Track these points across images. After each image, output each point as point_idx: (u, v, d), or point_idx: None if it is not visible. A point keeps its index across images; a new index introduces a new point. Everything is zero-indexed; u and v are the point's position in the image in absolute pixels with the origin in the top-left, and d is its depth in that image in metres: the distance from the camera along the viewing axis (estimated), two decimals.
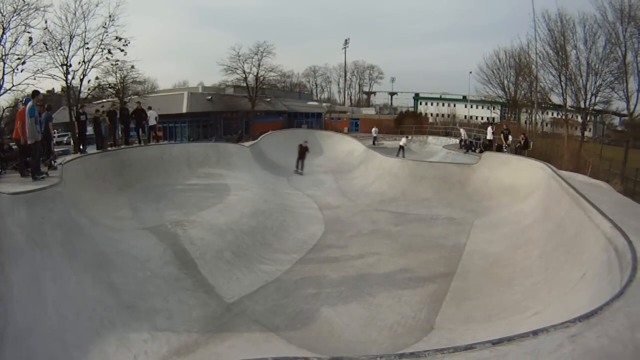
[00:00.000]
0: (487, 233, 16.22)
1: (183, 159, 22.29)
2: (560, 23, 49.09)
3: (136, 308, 10.17)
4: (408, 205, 21.44)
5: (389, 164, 27.09)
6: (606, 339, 4.40)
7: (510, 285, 10.98)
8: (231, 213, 16.73)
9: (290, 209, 20.22)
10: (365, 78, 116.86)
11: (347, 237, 17.08)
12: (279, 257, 14.72)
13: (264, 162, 27.81)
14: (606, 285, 6.61)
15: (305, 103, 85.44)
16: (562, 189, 13.89)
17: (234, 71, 62.28)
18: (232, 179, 21.96)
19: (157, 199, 18.07)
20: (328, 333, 10.10)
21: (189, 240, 14.05)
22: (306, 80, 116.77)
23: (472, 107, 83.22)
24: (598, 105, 49.86)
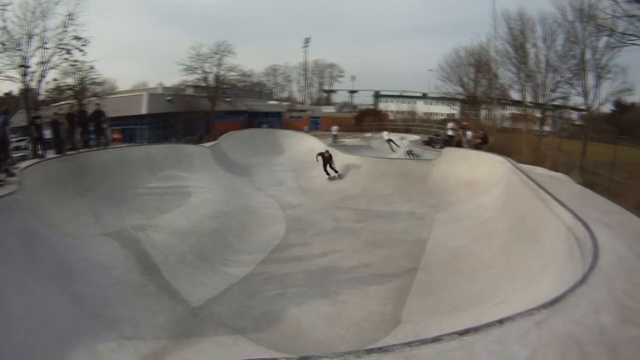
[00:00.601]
0: (448, 227, 16.39)
1: (143, 162, 21.93)
2: (520, 22, 50.54)
3: (102, 317, 9.93)
4: (369, 202, 21.52)
5: (350, 161, 27.17)
6: (572, 324, 4.44)
7: (474, 277, 11.12)
8: (193, 215, 16.55)
9: (252, 209, 20.08)
10: (325, 76, 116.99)
11: (309, 235, 17.06)
12: (242, 258, 14.60)
13: (224, 163, 27.53)
14: (568, 273, 6.70)
15: (266, 102, 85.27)
16: (522, 181, 14.07)
17: (194, 71, 62.06)
18: (193, 181, 21.66)
19: (118, 204, 17.69)
20: (295, 332, 10.07)
21: (152, 244, 13.82)
22: (266, 79, 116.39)
23: (432, 104, 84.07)
24: (556, 100, 51.59)
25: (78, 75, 42.93)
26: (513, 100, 57.85)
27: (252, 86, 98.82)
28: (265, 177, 26.95)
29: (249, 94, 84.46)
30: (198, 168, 23.71)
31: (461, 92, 65.93)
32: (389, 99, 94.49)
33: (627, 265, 6.09)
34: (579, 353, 4.04)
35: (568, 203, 9.61)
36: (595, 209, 9.69)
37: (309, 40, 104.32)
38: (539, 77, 49.94)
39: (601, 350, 4.11)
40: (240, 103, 71.41)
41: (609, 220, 8.62)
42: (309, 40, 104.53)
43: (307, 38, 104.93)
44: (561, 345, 4.13)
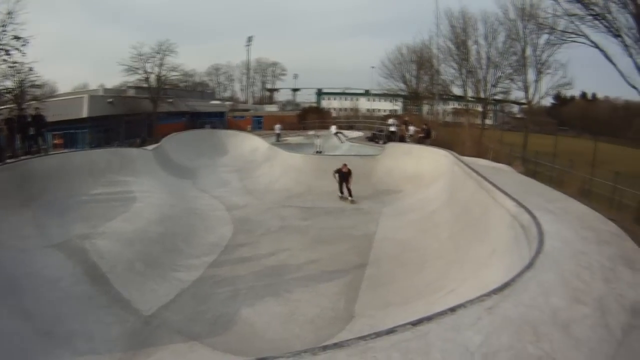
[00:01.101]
0: (395, 220, 16.58)
1: (86, 168, 21.33)
2: (463, 20, 51.77)
3: (54, 333, 9.59)
4: (315, 199, 21.58)
5: (293, 160, 27.14)
6: (523, 307, 4.55)
7: (423, 268, 11.30)
8: (138, 221, 16.19)
9: (198, 212, 19.82)
10: (268, 75, 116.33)
11: (257, 235, 16.93)
12: (191, 263, 14.36)
13: (168, 166, 27.10)
14: (516, 259, 6.86)
15: (208, 102, 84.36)
16: (466, 173, 14.33)
17: (135, 71, 60.43)
18: (137, 185, 21.17)
19: (63, 213, 17.12)
20: (250, 334, 10.00)
21: (99, 253, 13.39)
22: (209, 79, 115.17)
23: (375, 101, 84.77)
24: (498, 95, 53.16)
25: (17, 78, 41.56)
26: (455, 96, 59.12)
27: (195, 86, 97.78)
28: (209, 179, 26.65)
29: (191, 94, 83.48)
30: (142, 172, 23.28)
31: (403, 88, 66.97)
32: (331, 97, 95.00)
33: (572, 249, 6.27)
34: (532, 334, 4.12)
35: (512, 192, 9.84)
36: (539, 197, 9.99)
37: (252, 39, 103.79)
38: (480, 72, 51.77)
39: (554, 330, 4.22)
40: (182, 104, 70.50)
41: (552, 207, 8.87)
42: (252, 38, 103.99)
43: (250, 36, 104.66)
44: (515, 328, 4.21)
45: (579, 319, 4.42)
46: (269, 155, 29.85)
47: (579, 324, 4.34)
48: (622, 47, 29.11)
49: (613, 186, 22.75)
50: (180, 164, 28.37)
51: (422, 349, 3.95)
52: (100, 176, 20.70)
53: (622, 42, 29.14)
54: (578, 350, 4.04)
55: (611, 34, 29.89)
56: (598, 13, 30.44)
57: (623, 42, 29.02)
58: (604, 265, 5.86)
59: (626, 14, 28.53)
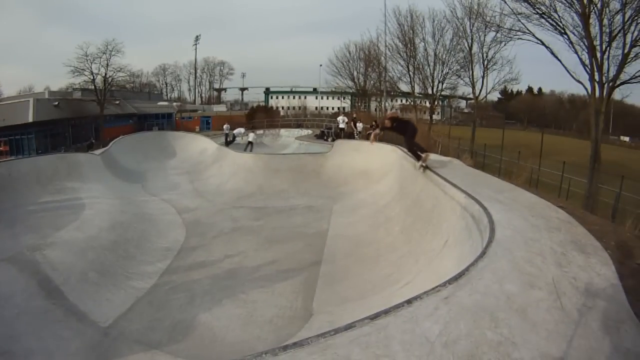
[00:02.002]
0: (347, 216, 16.67)
1: (33, 175, 20.81)
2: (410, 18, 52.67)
3: (12, 353, 9.24)
4: (266, 199, 21.49)
5: (243, 160, 26.99)
6: (478, 295, 4.65)
7: (378, 262, 11.41)
8: (89, 229, 15.85)
9: (149, 216, 19.48)
10: (215, 75, 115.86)
11: (209, 238, 16.80)
12: (145, 269, 14.09)
13: (116, 170, 26.63)
14: (468, 249, 7.01)
15: (156, 104, 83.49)
16: (415, 167, 14.39)
17: (82, 72, 58.94)
18: (86, 192, 20.69)
19: (10, 224, 16.65)
20: (210, 339, 9.92)
21: (51, 265, 13.01)
22: (156, 79, 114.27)
23: (323, 99, 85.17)
24: (445, 91, 54.00)
25: None
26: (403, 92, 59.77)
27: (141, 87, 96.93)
28: (159, 182, 26.34)
29: (138, 96, 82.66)
30: (90, 178, 22.85)
31: (351, 85, 67.98)
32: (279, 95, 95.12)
33: (523, 236, 6.44)
34: (490, 320, 4.23)
35: (461, 184, 10.02)
36: (488, 188, 10.15)
37: (199, 38, 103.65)
38: (428, 69, 52.62)
39: (511, 315, 4.34)
40: (129, 106, 69.59)
41: (501, 197, 9.06)
42: (199, 37, 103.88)
43: (197, 35, 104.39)
44: (472, 316, 4.30)
45: (535, 302, 4.55)
46: (218, 156, 29.65)
47: (535, 307, 4.47)
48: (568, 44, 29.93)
49: (561, 175, 23.38)
50: (129, 168, 27.99)
51: (382, 342, 4.00)
52: (48, 184, 20.23)
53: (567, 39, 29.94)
54: (536, 333, 4.15)
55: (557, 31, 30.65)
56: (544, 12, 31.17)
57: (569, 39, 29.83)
58: (556, 250, 6.04)
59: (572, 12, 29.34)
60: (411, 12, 52.82)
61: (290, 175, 23.37)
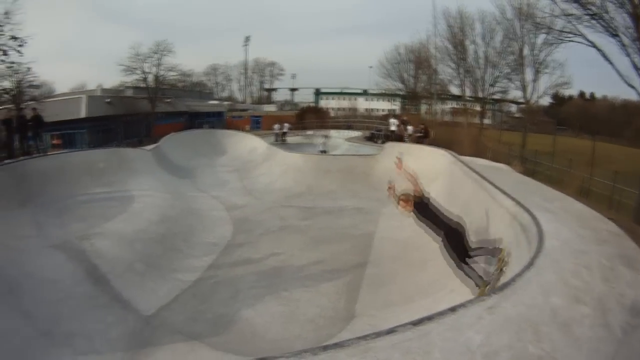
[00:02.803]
0: (394, 220, 16.32)
1: (84, 168, 21.29)
2: (460, 20, 51.57)
3: (54, 334, 9.62)
4: (314, 199, 21.53)
5: (293, 159, 27.08)
6: (523, 307, 4.58)
7: (424, 267, 11.31)
8: (138, 221, 16.20)
9: (197, 212, 19.83)
10: (266, 75, 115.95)
11: (256, 235, 16.93)
12: (190, 263, 14.38)
13: (167, 166, 27.03)
14: (516, 259, 6.81)
15: (207, 102, 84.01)
16: (465, 173, 14.34)
17: (133, 71, 60.38)
18: (136, 186, 21.12)
19: (61, 213, 17.10)
20: (251, 334, 10.01)
21: (98, 254, 13.40)
22: (207, 79, 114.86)
23: (373, 100, 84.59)
24: (496, 94, 52.82)
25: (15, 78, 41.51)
26: (453, 95, 58.91)
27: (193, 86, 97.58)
28: (208, 179, 26.65)
29: (189, 94, 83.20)
30: (140, 172, 23.24)
31: (401, 88, 66.77)
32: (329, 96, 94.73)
33: (572, 248, 6.32)
34: (533, 334, 4.16)
35: (511, 192, 9.84)
36: (538, 196, 10.03)
37: (249, 39, 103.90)
38: (478, 72, 51.43)
39: (555, 329, 4.25)
40: (180, 104, 70.27)
41: (551, 207, 8.92)
42: (249, 38, 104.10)
43: (247, 36, 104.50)
44: (515, 328, 4.25)
45: (579, 318, 4.46)
46: (268, 155, 29.79)
47: (579, 323, 4.38)
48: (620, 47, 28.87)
49: (612, 185, 22.79)
50: (179, 164, 28.30)
51: (423, 348, 3.97)
52: (98, 176, 20.61)
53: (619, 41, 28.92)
54: (578, 349, 4.07)
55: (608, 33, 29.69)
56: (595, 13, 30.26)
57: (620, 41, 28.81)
58: (604, 264, 5.88)
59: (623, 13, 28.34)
60: (461, 13, 52.04)
61: (339, 176, 23.40)
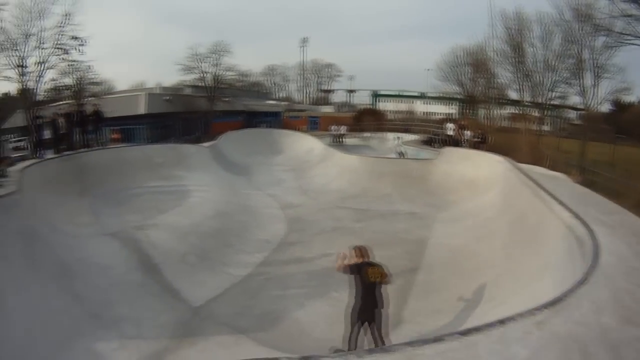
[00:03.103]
0: (449, 226, 16.37)
1: (142, 162, 21.85)
2: (517, 21, 49.94)
3: (103, 317, 10.00)
4: (369, 201, 21.41)
5: (349, 161, 27.02)
6: (572, 324, 4.50)
7: (475, 277, 11.12)
8: (193, 215, 16.55)
9: (252, 209, 20.08)
10: (323, 76, 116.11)
11: (309, 235, 17.05)
12: (242, 259, 14.61)
13: (224, 162, 27.42)
14: (569, 273, 6.73)
15: (264, 102, 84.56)
16: (522, 181, 14.12)
17: (192, 71, 61.43)
18: (192, 180, 21.62)
19: (118, 203, 17.68)
20: (297, 332, 10.12)
21: (152, 244, 13.87)
22: (264, 79, 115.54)
23: (430, 104, 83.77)
24: (555, 100, 50.88)
25: (76, 75, 42.82)
26: (511, 100, 57.46)
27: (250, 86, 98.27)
28: (264, 177, 26.91)
29: (247, 94, 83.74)
30: (197, 168, 23.65)
31: (459, 91, 64.98)
32: (387, 99, 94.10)
33: (627, 265, 6.15)
34: (580, 353, 4.08)
35: (567, 202, 9.66)
36: (595, 209, 9.75)
37: (307, 40, 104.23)
38: (537, 76, 49.58)
39: (602, 350, 4.16)
40: (238, 103, 70.88)
41: (608, 220, 8.68)
42: (307, 39, 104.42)
43: (305, 37, 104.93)
44: (562, 346, 4.18)
45: (629, 340, 4.33)
46: (324, 156, 29.91)
47: (629, 346, 4.26)
48: None
49: None
50: (235, 162, 28.65)
51: (468, 359, 3.98)
52: (156, 170, 21.11)
53: None
54: None
55: None
56: None
57: None
58: None
59: None
60: (518, 14, 50.44)
61: (395, 180, 23.19)
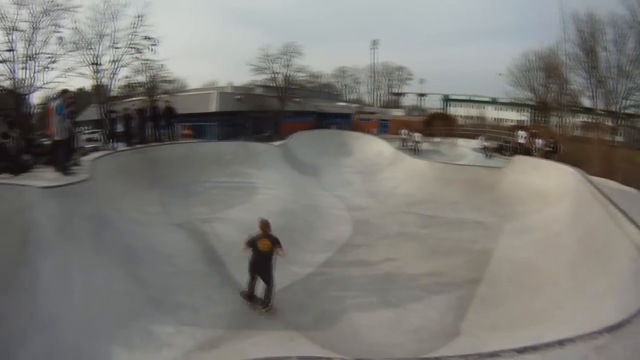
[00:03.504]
0: (515, 238, 15.99)
1: (212, 157, 22.49)
2: (590, 24, 47.97)
3: (162, 302, 10.50)
4: (436, 208, 21.17)
5: (418, 165, 26.90)
6: (632, 352, 4.43)
7: (538, 293, 10.87)
8: (259, 211, 16.71)
9: (319, 209, 20.34)
10: (394, 79, 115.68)
11: (374, 238, 17.07)
12: (305, 257, 14.83)
13: (293, 162, 27.93)
14: (634, 297, 6.59)
15: (334, 103, 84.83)
16: (593, 195, 13.71)
17: (263, 71, 62.58)
18: (261, 178, 22.16)
19: (186, 196, 18.43)
20: (352, 334, 10.15)
21: (217, 237, 14.44)
22: (335, 80, 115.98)
23: (501, 110, 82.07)
24: (629, 109, 48.63)
25: (149, 73, 44.33)
26: (584, 108, 55.25)
27: (321, 87, 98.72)
28: (332, 178, 27.17)
29: (317, 95, 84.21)
30: (266, 166, 24.12)
31: (531, 97, 63.06)
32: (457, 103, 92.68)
33: None
34: None
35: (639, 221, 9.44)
36: None
37: (377, 42, 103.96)
38: (611, 83, 47.35)
39: None
40: (309, 104, 71.46)
41: None
42: (377, 42, 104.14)
43: (375, 40, 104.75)
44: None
45: None
46: (393, 160, 29.90)
47: None
48: None
49: None
50: (304, 162, 29.04)
51: None
52: (225, 166, 21.79)
53: None
54: None
55: None
56: None
57: None
58: None
59: None
60: (590, 17, 48.13)
61: (463, 187, 22.92)
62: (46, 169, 14.28)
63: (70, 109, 15.28)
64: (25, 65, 33.57)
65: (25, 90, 34.04)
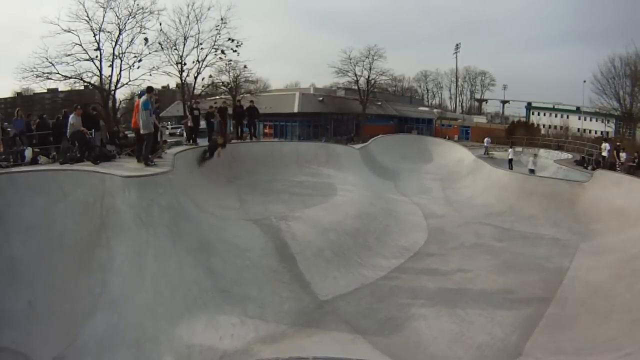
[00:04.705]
0: (591, 259, 15.59)
1: (292, 157, 23.04)
2: None
3: (230, 293, 11.02)
4: (514, 221, 20.82)
5: (498, 176, 26.44)
6: None
7: (607, 320, 10.66)
8: (336, 213, 17.21)
9: (395, 214, 20.35)
10: (476, 84, 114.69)
11: (448, 248, 17.02)
12: (378, 262, 15.00)
13: (372, 166, 28.05)
14: None
15: (416, 108, 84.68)
16: None
17: (345, 74, 63.17)
18: (340, 180, 22.42)
19: (264, 193, 18.94)
20: (414, 344, 10.24)
21: (292, 235, 14.80)
22: (417, 85, 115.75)
23: (586, 120, 79.29)
24: None
25: (232, 74, 45.72)
26: None
27: (403, 91, 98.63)
28: (411, 184, 27.12)
29: (399, 99, 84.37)
30: (346, 168, 24.40)
31: (616, 107, 59.81)
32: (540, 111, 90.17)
33: None
34: None
35: None
36: None
37: (459, 46, 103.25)
38: None
39: None
40: (390, 107, 71.63)
41: None
42: (459, 46, 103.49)
43: (457, 44, 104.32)
44: None
45: None
46: (474, 168, 29.48)
47: None
48: None
49: None
50: (384, 166, 29.21)
51: None
52: (305, 166, 22.30)
53: None
54: None
55: None
56: None
57: None
58: None
59: None
60: None
61: (543, 200, 22.38)
62: (129, 160, 15.22)
63: (156, 105, 16.07)
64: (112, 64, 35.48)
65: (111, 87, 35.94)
